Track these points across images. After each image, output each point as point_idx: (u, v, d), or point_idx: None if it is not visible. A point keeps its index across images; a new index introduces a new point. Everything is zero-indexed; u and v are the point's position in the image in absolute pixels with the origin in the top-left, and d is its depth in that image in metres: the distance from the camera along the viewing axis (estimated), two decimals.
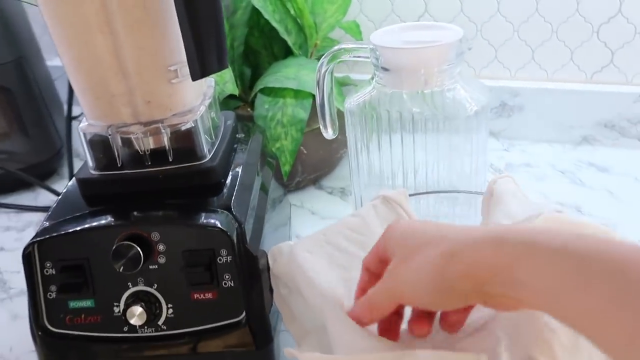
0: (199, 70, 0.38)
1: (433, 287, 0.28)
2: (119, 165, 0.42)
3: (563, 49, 0.69)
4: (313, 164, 0.67)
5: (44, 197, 0.73)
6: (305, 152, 0.65)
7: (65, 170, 0.78)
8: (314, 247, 0.40)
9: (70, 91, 0.71)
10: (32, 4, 0.86)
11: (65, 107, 0.77)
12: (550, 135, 0.72)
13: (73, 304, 0.40)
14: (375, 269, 0.34)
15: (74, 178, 0.45)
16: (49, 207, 0.70)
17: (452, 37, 0.42)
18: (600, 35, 0.67)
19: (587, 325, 0.22)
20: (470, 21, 0.71)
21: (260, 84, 0.62)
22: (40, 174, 0.75)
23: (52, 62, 0.91)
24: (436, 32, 0.43)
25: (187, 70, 0.39)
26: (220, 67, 0.38)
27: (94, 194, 0.43)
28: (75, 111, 0.77)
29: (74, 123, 0.71)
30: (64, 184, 0.75)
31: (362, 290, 0.34)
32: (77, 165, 0.75)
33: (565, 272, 0.23)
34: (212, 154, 0.43)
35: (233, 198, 0.41)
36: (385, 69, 0.43)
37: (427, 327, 0.32)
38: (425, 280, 0.28)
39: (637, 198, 0.61)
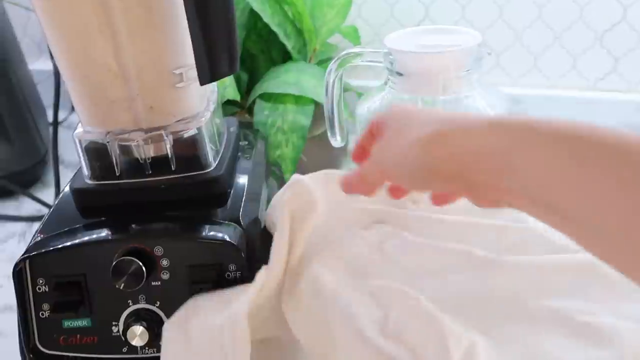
0: (208, 74, 0.35)
1: (417, 166, 0.27)
2: (117, 175, 0.40)
3: (566, 55, 0.68)
4: (314, 172, 0.65)
5: (28, 206, 0.69)
6: (305, 159, 0.62)
7: (49, 178, 0.74)
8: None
9: (57, 95, 0.67)
10: (14, 4, 0.82)
11: (48, 111, 0.74)
12: None
13: (68, 324, 0.38)
14: (367, 145, 0.34)
15: (67, 187, 0.42)
16: (32, 217, 0.67)
17: (471, 41, 0.40)
18: (603, 42, 0.66)
19: (582, 210, 0.21)
20: (472, 27, 0.69)
21: (259, 90, 0.60)
22: (23, 181, 0.71)
23: (34, 65, 0.87)
24: (453, 37, 0.41)
25: (193, 73, 0.37)
26: (232, 70, 0.36)
27: (90, 205, 0.40)
28: (60, 116, 0.74)
29: (60, 129, 0.68)
30: (48, 192, 0.71)
31: (360, 147, 0.35)
32: (63, 173, 0.72)
33: (562, 155, 0.22)
34: (217, 162, 0.41)
35: (241, 209, 0.39)
36: (400, 74, 0.41)
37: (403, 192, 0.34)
38: (410, 158, 0.27)
39: None
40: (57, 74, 0.66)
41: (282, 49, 0.64)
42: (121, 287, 0.36)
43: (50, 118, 0.71)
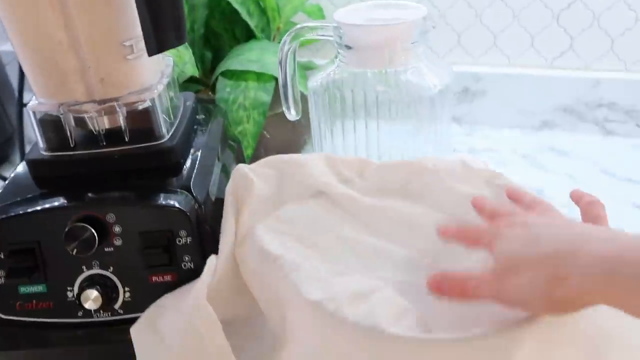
0: (155, 45, 0.36)
1: (539, 305, 0.28)
2: (71, 146, 0.41)
3: (524, 34, 0.70)
4: (276, 149, 0.66)
5: None
6: (267, 136, 0.64)
7: (17, 158, 0.75)
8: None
9: (21, 77, 0.67)
10: None
11: (16, 93, 0.74)
12: (511, 120, 0.73)
13: (23, 289, 0.39)
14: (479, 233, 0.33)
15: (23, 160, 0.43)
16: None
17: (416, 15, 0.41)
18: (560, 21, 0.68)
19: None
20: (434, 6, 0.71)
21: (222, 67, 0.61)
22: None
23: (2, 47, 0.87)
24: (400, 11, 0.43)
25: (143, 45, 0.38)
26: (179, 42, 0.37)
27: (45, 176, 0.41)
28: (27, 98, 0.74)
29: (25, 110, 0.69)
30: None
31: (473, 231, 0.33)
32: None
33: None
34: (170, 134, 0.42)
35: (192, 179, 0.40)
36: (349, 47, 0.42)
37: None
38: (532, 298, 0.28)
39: (593, 180, 0.63)
40: None
41: (245, 27, 0.65)
42: (74, 253, 0.37)
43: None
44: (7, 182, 0.42)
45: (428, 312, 0.32)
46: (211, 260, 0.38)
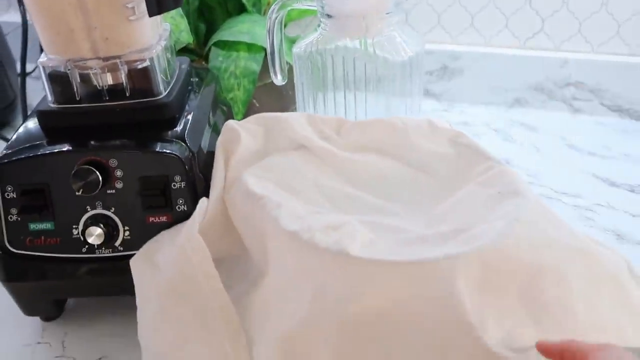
0: (155, 6, 0.40)
1: None
2: (77, 100, 0.45)
3: (499, 15, 0.74)
4: None
5: None
6: (257, 105, 0.68)
7: (19, 123, 0.79)
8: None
9: (24, 46, 0.71)
10: None
11: (16, 61, 0.78)
12: (486, 97, 0.78)
13: (33, 226, 0.43)
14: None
15: (33, 111, 0.47)
16: None
17: None
18: (532, 4, 0.72)
19: None
20: None
21: (215, 38, 0.65)
22: None
23: (2, 18, 0.91)
24: None
25: (144, 7, 0.42)
26: (176, 4, 0.41)
27: (53, 126, 0.45)
28: (28, 68, 0.78)
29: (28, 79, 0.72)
30: None
31: None
32: None
33: None
34: (167, 91, 0.46)
35: (186, 131, 0.44)
36: (330, 16, 0.47)
37: None
38: None
39: (559, 153, 0.68)
40: (24, 27, 0.70)
41: (238, 2, 0.69)
42: (79, 193, 0.41)
43: (18, 69, 0.76)
44: (17, 132, 0.46)
45: (392, 247, 0.37)
46: (202, 202, 0.42)
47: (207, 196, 0.43)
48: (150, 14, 0.41)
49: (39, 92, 0.46)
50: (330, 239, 0.35)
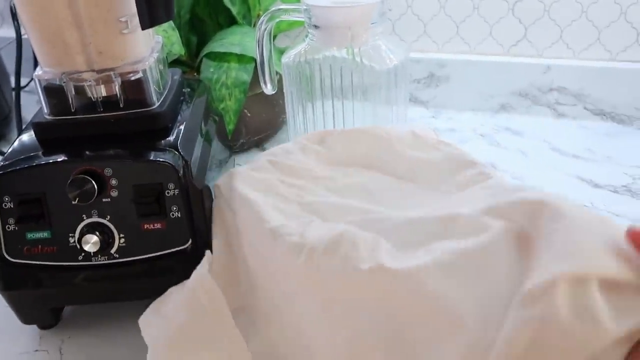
0: (147, 19, 0.42)
1: None
2: (72, 111, 0.46)
3: (483, 24, 0.76)
4: (257, 127, 0.72)
5: None
6: (249, 114, 0.69)
7: (13, 136, 0.80)
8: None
9: (19, 61, 0.73)
10: None
11: (10, 75, 0.79)
12: (472, 103, 0.79)
13: (30, 236, 0.44)
14: None
15: (28, 124, 0.48)
16: None
17: None
18: (515, 13, 0.74)
19: None
20: None
21: (206, 50, 0.67)
22: None
23: None
24: None
25: (137, 21, 0.43)
26: (167, 17, 0.43)
27: (48, 137, 0.46)
28: (22, 82, 0.79)
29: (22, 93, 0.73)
30: None
31: None
32: None
33: None
34: (160, 101, 0.48)
35: (179, 140, 0.46)
36: (317, 27, 0.48)
37: None
38: None
39: (544, 157, 0.69)
40: (19, 42, 0.72)
41: (228, 14, 0.71)
42: (76, 201, 0.42)
43: (12, 83, 0.77)
44: (12, 144, 0.47)
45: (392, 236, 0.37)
46: (208, 253, 0.43)
47: (198, 204, 0.44)
48: (143, 27, 0.42)
49: (32, 105, 0.48)
50: (336, 261, 0.35)
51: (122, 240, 0.44)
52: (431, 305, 0.32)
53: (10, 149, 0.46)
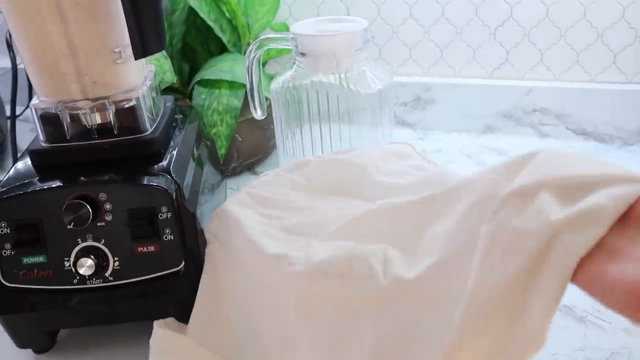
0: (141, 50, 0.44)
1: None
2: (67, 138, 0.47)
3: (467, 48, 0.79)
4: (248, 151, 0.74)
5: None
6: (240, 139, 0.71)
7: (7, 164, 0.81)
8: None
9: (14, 90, 0.74)
10: None
11: (5, 104, 0.80)
12: (458, 125, 0.81)
13: (26, 260, 0.45)
14: None
15: (25, 151, 0.49)
16: None
17: (359, 27, 0.50)
18: (496, 37, 0.77)
19: None
20: (387, 24, 0.80)
21: (198, 77, 0.68)
22: None
23: None
24: (346, 24, 0.51)
25: (130, 51, 0.45)
26: (159, 48, 0.44)
27: (44, 164, 0.47)
28: (18, 111, 0.80)
29: (17, 122, 0.75)
30: None
31: None
32: None
33: None
34: (153, 128, 0.49)
35: (172, 164, 0.47)
36: (304, 54, 0.50)
37: None
38: None
39: None
40: (14, 72, 0.74)
41: (219, 42, 0.73)
42: (71, 226, 0.43)
43: (7, 112, 0.78)
44: (9, 172, 0.49)
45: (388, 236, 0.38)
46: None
47: (190, 227, 0.46)
48: (136, 58, 0.44)
49: (27, 133, 0.49)
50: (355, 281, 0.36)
51: (117, 263, 0.45)
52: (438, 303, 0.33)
53: (7, 176, 0.47)
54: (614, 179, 0.27)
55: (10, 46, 0.76)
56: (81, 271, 0.44)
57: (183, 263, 0.45)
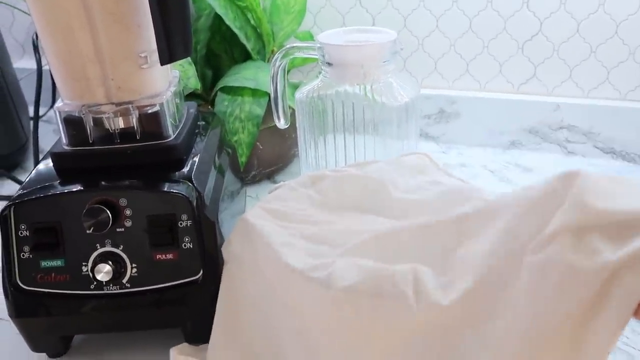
0: (167, 56, 0.43)
1: None
2: (90, 142, 0.47)
3: (493, 62, 0.78)
4: (268, 159, 0.73)
5: (9, 187, 0.76)
6: (261, 147, 0.70)
7: (29, 165, 0.82)
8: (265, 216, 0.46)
9: (38, 91, 0.75)
10: (2, 2, 0.89)
11: (29, 105, 0.81)
12: (483, 139, 0.80)
13: (44, 263, 0.44)
14: None
15: (47, 154, 0.49)
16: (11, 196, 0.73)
17: (387, 38, 0.49)
18: (524, 51, 0.76)
19: None
20: (413, 35, 0.79)
21: (221, 84, 0.68)
22: (5, 166, 0.78)
23: (18, 64, 0.95)
24: (374, 35, 0.50)
25: (156, 57, 0.45)
26: (186, 54, 0.44)
27: (66, 167, 0.47)
28: (41, 112, 0.81)
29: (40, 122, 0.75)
30: None
31: None
32: None
33: None
34: (175, 134, 0.49)
35: (193, 172, 0.47)
36: (330, 64, 0.50)
37: None
38: None
39: None
40: (39, 73, 0.74)
41: (243, 49, 0.72)
42: (90, 231, 0.43)
43: (31, 113, 0.79)
44: (30, 174, 0.48)
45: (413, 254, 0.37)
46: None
47: (210, 235, 0.45)
48: (162, 63, 0.44)
49: (49, 134, 0.49)
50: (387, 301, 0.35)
51: (134, 270, 0.45)
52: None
53: (28, 178, 0.47)
54: None
55: (36, 47, 0.77)
56: (98, 277, 0.43)
57: (201, 272, 0.45)
